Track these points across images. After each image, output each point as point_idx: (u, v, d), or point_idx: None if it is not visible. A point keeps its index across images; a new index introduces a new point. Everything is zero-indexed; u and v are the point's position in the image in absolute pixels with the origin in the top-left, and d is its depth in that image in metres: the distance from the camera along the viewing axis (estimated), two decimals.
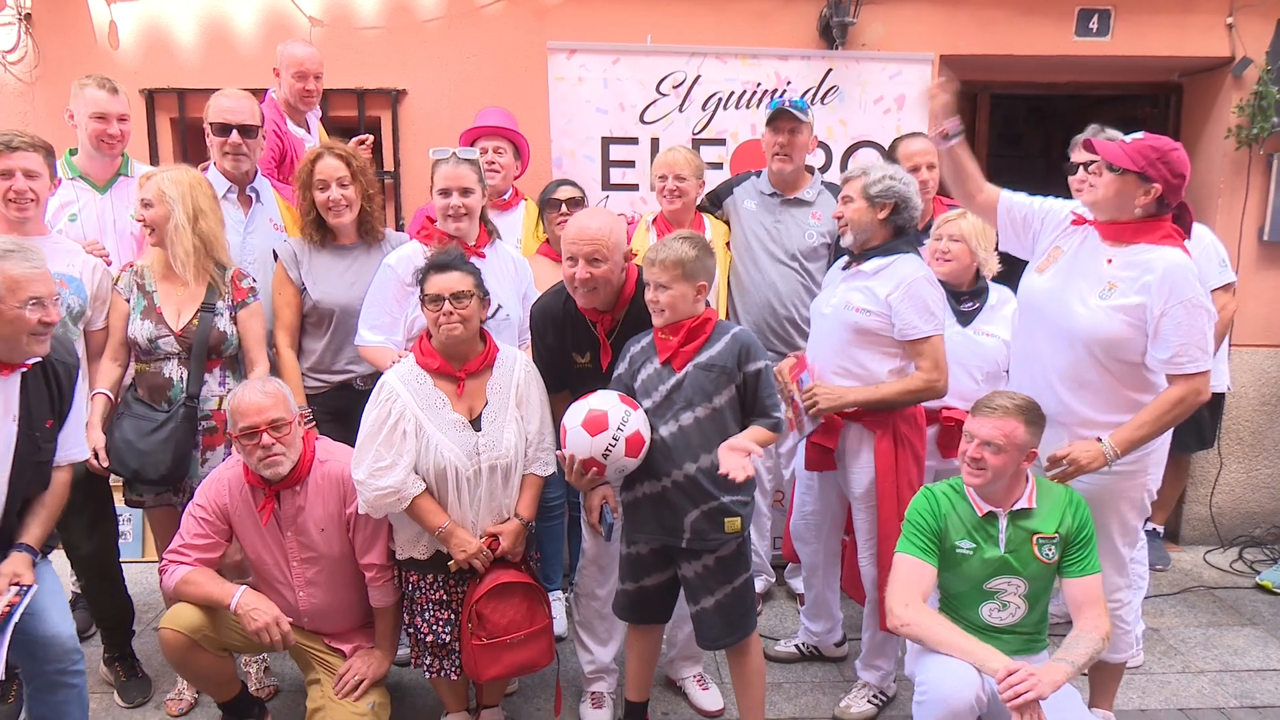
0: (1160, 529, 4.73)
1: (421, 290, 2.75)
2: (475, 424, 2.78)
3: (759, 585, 3.81)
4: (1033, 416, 2.59)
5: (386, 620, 2.99)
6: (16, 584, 2.46)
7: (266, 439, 2.72)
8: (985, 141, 5.49)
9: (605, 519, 2.92)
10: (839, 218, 3.11)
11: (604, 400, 2.65)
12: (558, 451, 2.74)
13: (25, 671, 2.62)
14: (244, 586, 2.84)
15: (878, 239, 3.02)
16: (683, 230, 3.15)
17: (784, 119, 3.69)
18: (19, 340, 2.45)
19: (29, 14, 4.55)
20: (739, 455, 2.60)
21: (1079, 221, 2.79)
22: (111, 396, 3.06)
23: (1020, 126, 7.20)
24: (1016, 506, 2.63)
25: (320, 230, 3.26)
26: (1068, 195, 3.28)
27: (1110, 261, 2.66)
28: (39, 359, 2.54)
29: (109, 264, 3.27)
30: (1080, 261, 2.73)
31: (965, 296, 3.39)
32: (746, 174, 4.00)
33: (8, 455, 2.52)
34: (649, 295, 2.72)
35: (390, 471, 2.70)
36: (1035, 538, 2.61)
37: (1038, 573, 2.63)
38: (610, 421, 2.59)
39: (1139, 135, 2.65)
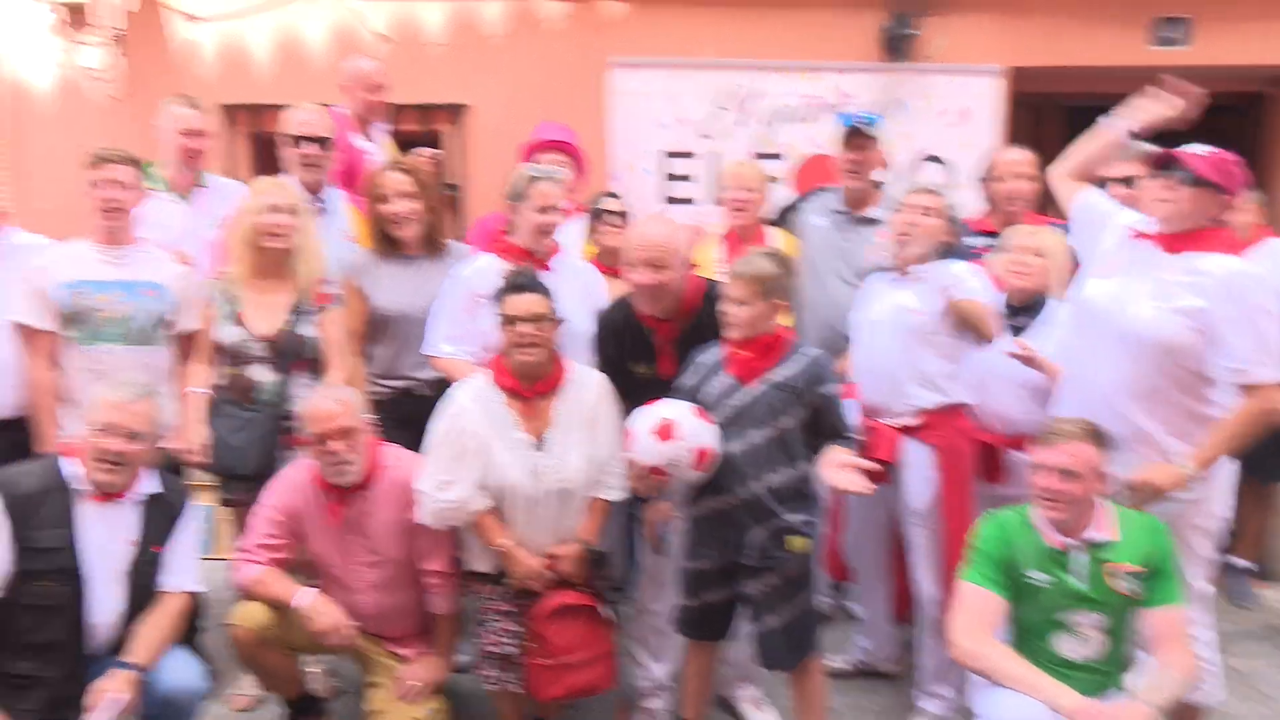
0: (1248, 564, 4.51)
1: (500, 311, 2.78)
2: (541, 445, 2.81)
3: None
4: (1102, 439, 2.49)
5: (446, 627, 3.04)
6: (108, 698, 2.48)
7: (336, 445, 2.78)
8: (1056, 153, 5.37)
9: (662, 534, 2.93)
10: (912, 225, 3.06)
11: (676, 409, 2.64)
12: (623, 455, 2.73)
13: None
14: (311, 588, 2.91)
15: (934, 255, 3.03)
16: (766, 248, 3.14)
17: (857, 135, 3.64)
18: (90, 464, 2.57)
19: (118, 34, 4.76)
20: (847, 470, 2.56)
21: (1138, 236, 2.71)
22: (208, 394, 3.18)
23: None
24: (1093, 536, 2.50)
25: (386, 241, 3.34)
26: None
27: (1170, 268, 2.59)
28: (157, 491, 2.69)
29: (199, 271, 3.39)
30: (1140, 269, 2.65)
31: (1023, 312, 3.31)
32: (817, 190, 3.95)
33: (119, 576, 2.63)
34: (725, 309, 2.71)
35: (454, 487, 2.75)
36: (1115, 569, 2.48)
37: (1117, 606, 2.49)
38: (681, 431, 2.58)
39: (1196, 148, 2.60)
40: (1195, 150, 2.58)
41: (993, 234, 3.61)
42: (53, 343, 3.08)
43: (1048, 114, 5.23)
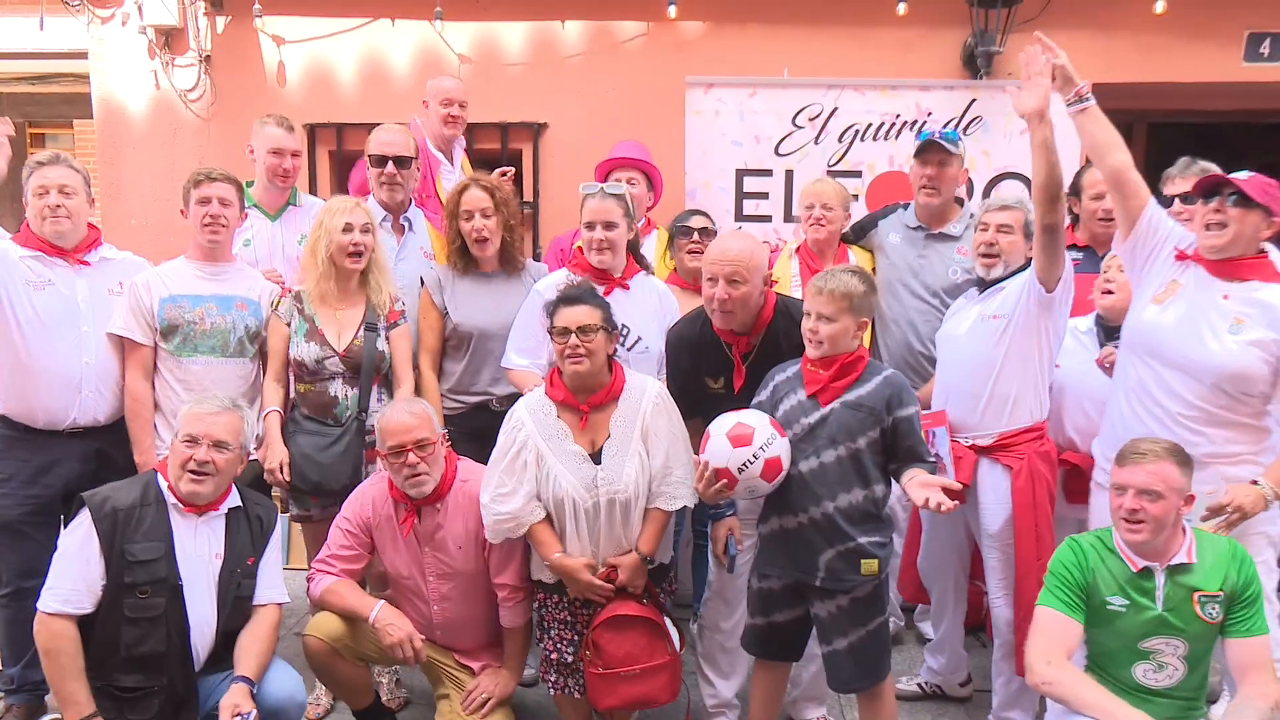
0: None
1: (550, 322, 2.80)
2: (596, 457, 2.80)
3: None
4: (1182, 457, 2.45)
5: (516, 641, 3.05)
6: (239, 714, 2.56)
7: (412, 458, 2.82)
8: (1142, 170, 5.22)
9: (729, 550, 2.90)
10: (991, 244, 3.04)
11: (754, 418, 2.64)
12: (694, 456, 2.72)
13: None
14: (382, 601, 2.94)
15: (1015, 263, 3.02)
16: (850, 264, 3.12)
17: (933, 150, 3.60)
18: (178, 475, 2.66)
19: (209, 56, 4.95)
20: (933, 489, 2.51)
21: (1181, 257, 2.76)
22: (282, 414, 3.25)
23: (1185, 155, 6.81)
24: (1175, 561, 2.45)
25: (464, 258, 3.39)
26: None
27: (1227, 297, 2.67)
28: (239, 504, 2.78)
29: (285, 289, 3.47)
30: (1198, 296, 2.70)
31: (1113, 331, 3.24)
32: (894, 206, 3.90)
33: (213, 589, 2.72)
34: (808, 325, 2.68)
35: (510, 499, 2.77)
36: (1196, 595, 2.42)
37: (1199, 633, 2.44)
38: (755, 439, 2.57)
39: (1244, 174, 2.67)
40: (1239, 174, 2.66)
41: (1080, 248, 3.55)
42: (149, 355, 3.19)
43: (1135, 131, 5.09)
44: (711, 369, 2.97)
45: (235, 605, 2.75)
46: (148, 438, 3.16)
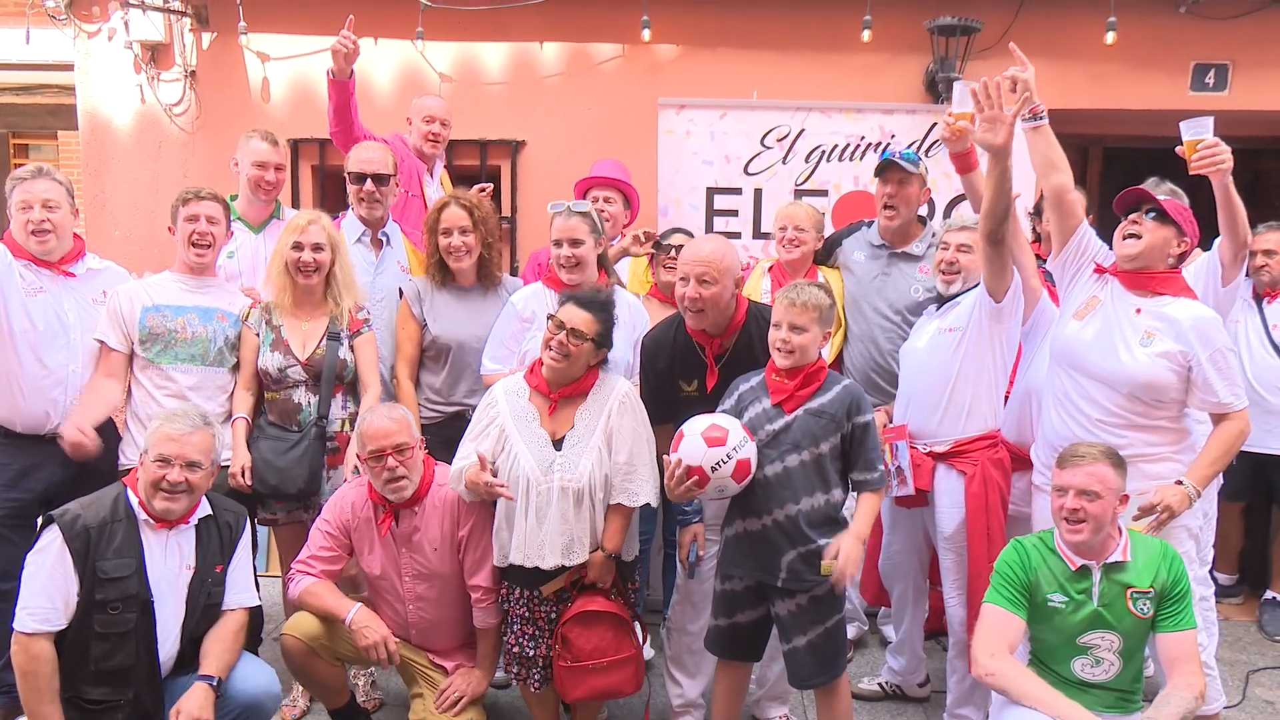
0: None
1: (555, 311, 2.93)
2: (558, 445, 2.92)
3: (851, 632, 3.82)
4: (1117, 459, 2.61)
5: (488, 642, 3.14)
6: None
7: (392, 462, 2.91)
8: (1097, 193, 5.42)
9: (693, 555, 3.03)
10: (952, 263, 3.20)
11: (727, 421, 2.76)
12: (665, 455, 2.81)
13: None
14: (359, 604, 3.03)
15: (973, 279, 3.16)
16: (816, 280, 3.27)
17: (892, 170, 3.68)
18: (150, 493, 2.67)
19: (193, 71, 5.05)
20: (850, 560, 2.70)
21: (1100, 270, 2.94)
22: (249, 420, 3.33)
23: (1144, 178, 7.03)
24: (1110, 559, 2.60)
25: (442, 272, 3.50)
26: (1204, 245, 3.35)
27: (1139, 311, 2.84)
28: (209, 513, 2.81)
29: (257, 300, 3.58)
30: (1113, 310, 2.88)
31: None
32: (858, 224, 3.98)
33: (181, 598, 2.75)
34: (779, 336, 2.77)
35: (464, 461, 2.92)
36: (1130, 591, 2.58)
37: (1132, 628, 2.59)
38: (729, 440, 2.69)
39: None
40: (1173, 191, 2.89)
41: (1040, 259, 3.70)
42: (120, 361, 3.25)
43: (1091, 155, 5.30)
44: (685, 372, 3.08)
45: (205, 613, 2.80)
46: (90, 417, 3.16)
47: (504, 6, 4.79)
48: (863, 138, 4.53)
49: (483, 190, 4.44)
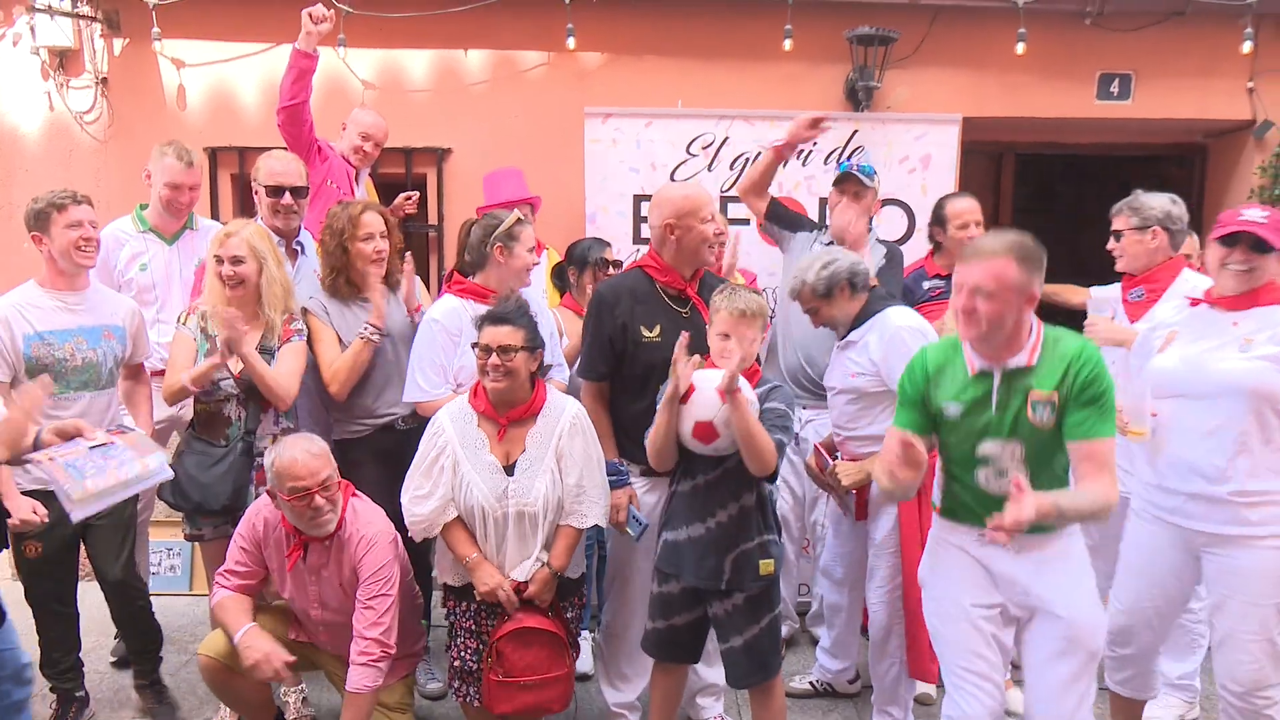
0: None
1: (476, 338, 2.89)
2: (510, 469, 2.90)
3: (784, 630, 3.88)
4: (1025, 253, 2.30)
5: (356, 709, 2.84)
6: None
7: (319, 500, 2.79)
8: (1011, 199, 5.62)
9: (635, 517, 3.02)
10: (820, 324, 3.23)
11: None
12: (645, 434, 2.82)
13: None
14: (251, 623, 2.91)
15: (853, 315, 3.15)
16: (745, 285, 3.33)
17: (849, 182, 3.73)
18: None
19: (105, 78, 4.90)
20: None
21: (1196, 303, 2.78)
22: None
23: (1055, 184, 7.32)
24: (1013, 364, 2.36)
25: (350, 285, 3.38)
26: (1100, 248, 3.44)
27: (1236, 324, 2.65)
28: None
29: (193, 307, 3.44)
30: (1204, 331, 2.72)
31: None
32: (812, 226, 3.99)
33: None
34: (724, 345, 2.74)
35: (426, 501, 2.87)
36: (1030, 397, 2.32)
37: (1031, 435, 2.33)
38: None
39: (1252, 213, 2.66)
40: (1254, 218, 2.61)
41: (944, 277, 3.80)
42: (6, 391, 3.04)
43: (1005, 161, 5.48)
44: (647, 318, 3.08)
45: None
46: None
47: (427, 14, 4.75)
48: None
49: (409, 198, 4.43)
